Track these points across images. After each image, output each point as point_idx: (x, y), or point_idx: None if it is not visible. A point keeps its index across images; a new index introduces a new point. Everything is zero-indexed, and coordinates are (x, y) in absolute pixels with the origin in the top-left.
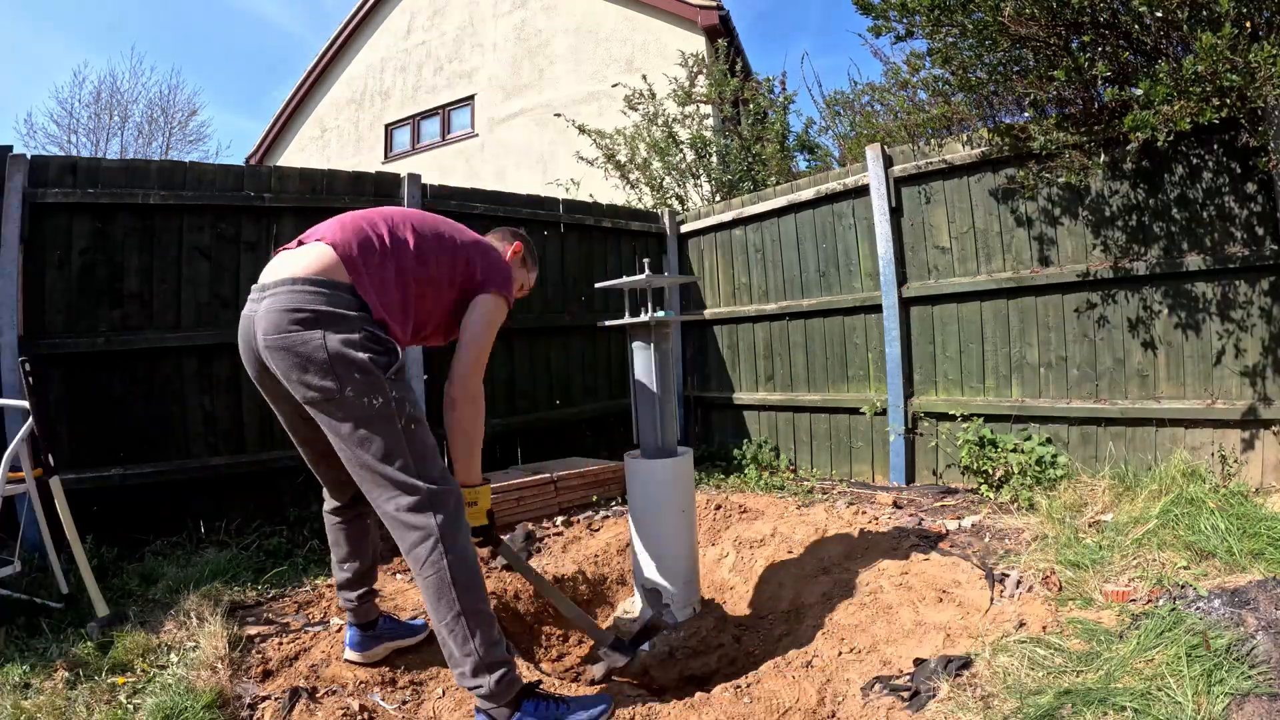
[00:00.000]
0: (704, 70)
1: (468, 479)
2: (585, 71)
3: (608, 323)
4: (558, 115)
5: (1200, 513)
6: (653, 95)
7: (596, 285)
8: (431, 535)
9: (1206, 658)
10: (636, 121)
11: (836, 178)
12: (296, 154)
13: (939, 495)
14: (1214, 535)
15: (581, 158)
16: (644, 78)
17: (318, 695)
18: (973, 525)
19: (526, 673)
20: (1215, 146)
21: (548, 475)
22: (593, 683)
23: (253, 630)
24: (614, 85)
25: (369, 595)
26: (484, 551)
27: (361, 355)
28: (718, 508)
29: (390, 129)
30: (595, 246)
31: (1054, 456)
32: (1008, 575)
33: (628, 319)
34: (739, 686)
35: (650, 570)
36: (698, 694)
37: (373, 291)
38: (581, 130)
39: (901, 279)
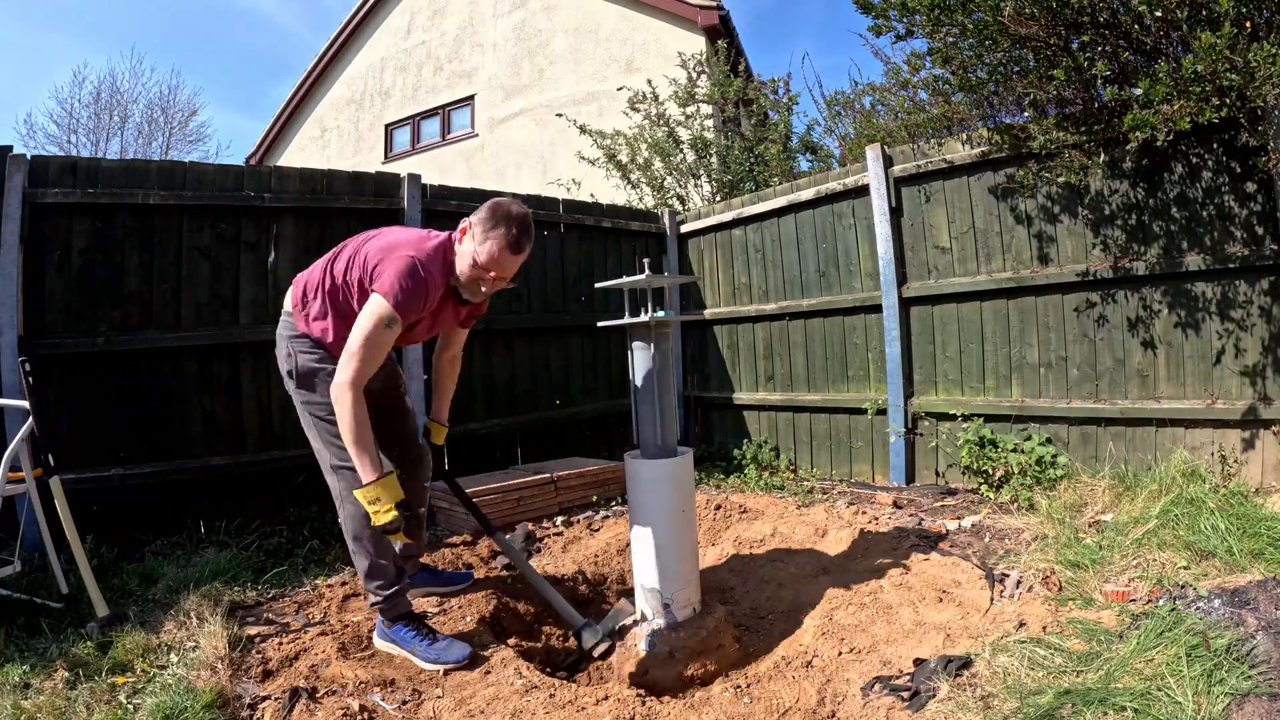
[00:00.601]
0: (706, 71)
1: (362, 477)
2: (585, 71)
3: (607, 323)
4: (559, 115)
5: (1200, 513)
6: (656, 98)
7: (596, 285)
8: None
9: (1206, 658)
10: (638, 122)
11: (836, 178)
12: (296, 154)
13: (939, 495)
14: (1214, 535)
15: (583, 157)
16: (649, 81)
17: (318, 695)
18: (973, 525)
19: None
20: (1215, 146)
21: (548, 475)
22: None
23: (253, 630)
24: (619, 89)
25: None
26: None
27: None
28: (718, 508)
29: (390, 129)
30: (595, 246)
31: (1054, 456)
32: (1008, 575)
33: (628, 319)
34: (739, 687)
35: (650, 570)
36: (698, 694)
37: (301, 320)
38: (583, 130)
39: (901, 279)
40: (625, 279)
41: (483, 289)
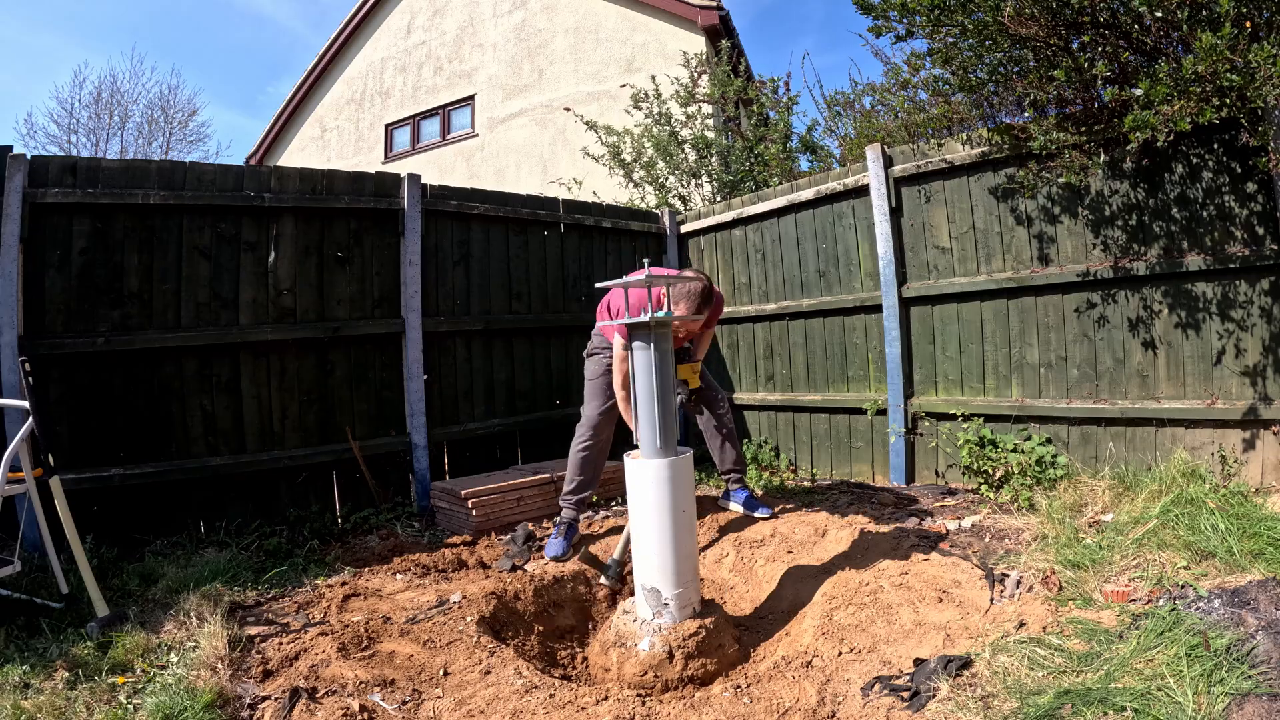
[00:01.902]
0: (708, 70)
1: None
2: (585, 71)
3: (607, 322)
4: (567, 109)
5: (1200, 513)
6: (659, 96)
7: (596, 285)
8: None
9: (1206, 658)
10: (640, 121)
11: (836, 178)
12: (297, 154)
13: (939, 495)
14: (1214, 535)
15: (588, 154)
16: (653, 79)
17: (318, 695)
18: (973, 525)
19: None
20: (1215, 146)
21: (548, 475)
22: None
23: (253, 630)
24: (622, 86)
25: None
26: None
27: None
28: (718, 507)
29: (390, 129)
30: (595, 246)
31: (1054, 456)
32: (1008, 575)
33: (628, 319)
34: (739, 687)
35: (650, 570)
36: (698, 694)
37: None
38: (590, 126)
39: (901, 279)
40: (625, 279)
41: (679, 335)
